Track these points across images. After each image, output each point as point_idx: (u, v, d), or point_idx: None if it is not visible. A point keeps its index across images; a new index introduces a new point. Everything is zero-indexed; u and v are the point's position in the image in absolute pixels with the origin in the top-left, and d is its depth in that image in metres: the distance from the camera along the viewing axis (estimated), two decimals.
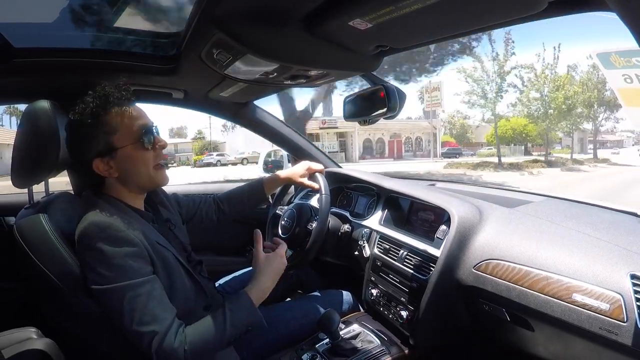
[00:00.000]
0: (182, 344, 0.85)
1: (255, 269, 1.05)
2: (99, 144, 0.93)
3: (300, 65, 1.14)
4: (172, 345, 0.83)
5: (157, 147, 0.99)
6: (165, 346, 0.83)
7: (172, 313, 0.88)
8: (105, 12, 1.13)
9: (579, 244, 0.97)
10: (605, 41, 19.75)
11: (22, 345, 1.11)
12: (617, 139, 51.17)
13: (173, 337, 0.84)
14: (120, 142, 0.94)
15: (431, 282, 1.15)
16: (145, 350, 0.84)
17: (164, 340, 0.83)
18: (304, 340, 1.27)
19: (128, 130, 0.95)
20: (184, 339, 0.85)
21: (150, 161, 0.98)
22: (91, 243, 0.86)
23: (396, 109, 1.13)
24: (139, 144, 0.96)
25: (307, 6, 0.87)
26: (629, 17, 0.50)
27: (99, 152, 0.93)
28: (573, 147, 29.85)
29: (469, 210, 1.20)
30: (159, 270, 0.93)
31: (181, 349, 0.84)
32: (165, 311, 0.87)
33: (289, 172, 1.48)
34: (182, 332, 0.87)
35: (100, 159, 0.94)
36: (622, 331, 0.78)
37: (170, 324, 0.86)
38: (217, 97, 1.64)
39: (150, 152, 0.98)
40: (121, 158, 0.95)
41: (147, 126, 0.98)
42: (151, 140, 0.97)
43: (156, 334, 0.83)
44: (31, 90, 1.34)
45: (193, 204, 1.36)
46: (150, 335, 0.83)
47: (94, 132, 0.93)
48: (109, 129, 0.93)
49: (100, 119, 0.92)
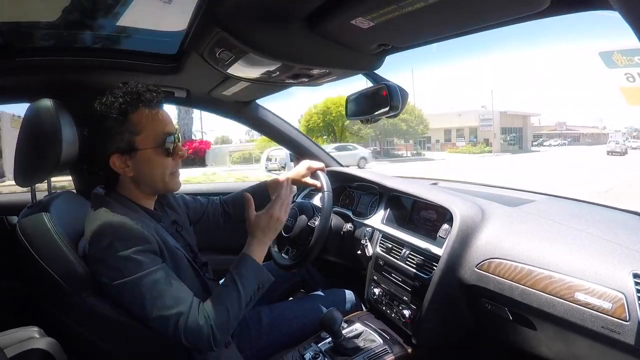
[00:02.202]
0: (207, 319, 0.86)
1: (249, 230, 1.04)
2: (122, 141, 0.93)
3: (303, 64, 1.14)
4: (198, 322, 0.84)
5: (177, 156, 1.00)
6: (191, 325, 0.84)
7: (190, 293, 0.89)
8: (107, 10, 1.13)
9: (581, 243, 0.97)
10: (605, 40, 19.72)
11: (25, 344, 1.11)
12: (597, 133, 51.78)
13: (196, 314, 0.85)
14: (142, 144, 0.94)
15: (434, 281, 1.15)
16: (173, 334, 0.84)
17: (188, 319, 0.84)
18: (307, 339, 1.27)
19: (153, 134, 0.95)
20: (207, 315, 0.86)
21: (168, 168, 0.98)
22: (105, 242, 0.86)
23: (398, 108, 1.12)
24: (161, 149, 0.96)
25: (309, 5, 0.87)
26: (631, 16, 0.49)
27: (119, 148, 0.93)
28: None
29: (472, 209, 1.19)
30: (169, 266, 0.93)
31: (207, 325, 0.85)
32: (185, 292, 0.88)
33: (291, 173, 1.48)
34: (204, 309, 0.88)
35: (118, 156, 0.93)
36: (625, 330, 0.78)
37: (191, 302, 0.87)
38: (220, 96, 1.64)
39: (169, 159, 0.98)
40: (140, 159, 0.95)
41: (172, 133, 0.98)
42: (173, 148, 0.98)
43: (181, 314, 0.84)
44: (33, 89, 1.34)
45: (200, 206, 1.37)
46: (176, 317, 0.84)
47: (119, 128, 0.92)
48: (134, 128, 0.93)
49: (127, 116, 0.92)
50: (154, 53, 1.36)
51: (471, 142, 36.30)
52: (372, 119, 1.23)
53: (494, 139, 34.36)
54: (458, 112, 38.16)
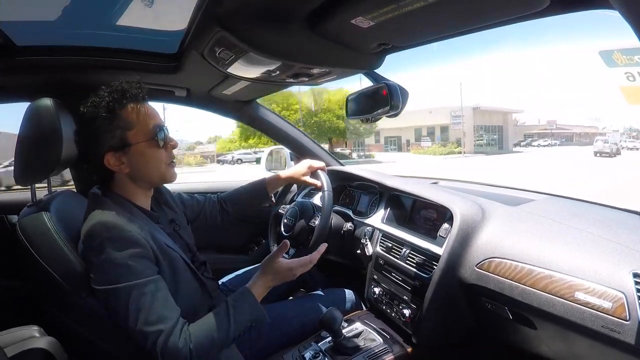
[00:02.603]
0: (187, 342, 0.85)
1: (264, 267, 1.05)
2: (113, 138, 0.94)
3: (303, 64, 1.14)
4: (177, 344, 0.83)
5: (169, 147, 1.01)
6: (170, 345, 0.83)
7: (177, 312, 0.88)
8: (107, 10, 1.13)
9: (581, 242, 0.97)
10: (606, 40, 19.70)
11: (25, 343, 1.11)
12: (593, 132, 50.96)
13: (178, 335, 0.84)
14: (135, 139, 0.95)
15: (434, 280, 1.15)
16: (150, 350, 0.84)
17: (169, 339, 0.83)
18: (307, 339, 1.27)
19: (143, 127, 0.96)
20: (188, 337, 0.86)
21: (162, 159, 1.00)
22: (97, 243, 0.85)
23: (399, 107, 1.12)
24: (153, 142, 0.97)
25: (309, 4, 0.87)
26: (631, 15, 0.49)
27: (112, 146, 0.94)
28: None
29: (472, 208, 1.19)
30: (164, 270, 0.93)
31: (186, 348, 0.84)
32: (170, 310, 0.87)
33: (291, 171, 1.48)
34: (187, 330, 0.87)
35: (112, 154, 0.94)
36: (625, 330, 0.78)
37: (175, 323, 0.86)
38: (220, 95, 1.64)
39: (162, 150, 0.99)
40: (134, 154, 0.95)
41: (161, 125, 0.99)
42: (164, 139, 0.99)
43: (162, 332, 0.83)
44: (34, 88, 1.34)
45: (197, 204, 1.36)
46: (156, 335, 0.83)
47: (109, 126, 0.93)
48: (124, 124, 0.94)
49: (116, 113, 0.93)
50: (154, 52, 1.36)
51: (439, 142, 34.10)
52: (372, 118, 1.23)
53: (463, 137, 32.48)
54: (429, 109, 35.17)
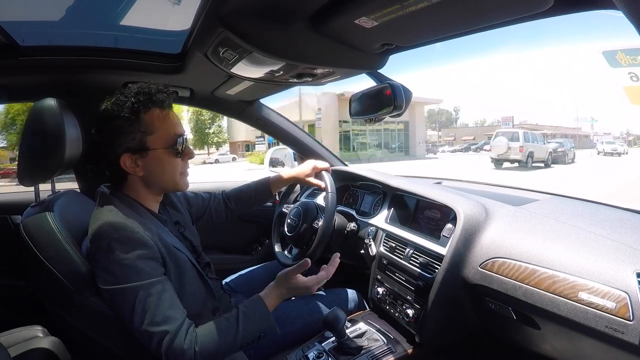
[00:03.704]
0: (193, 344, 0.85)
1: (280, 279, 1.03)
2: (133, 140, 0.93)
3: (306, 64, 1.14)
4: (182, 345, 0.83)
5: (186, 157, 1.01)
6: (175, 346, 0.83)
7: (183, 314, 0.88)
8: (111, 10, 1.13)
9: (585, 242, 0.97)
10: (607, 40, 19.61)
11: (29, 343, 1.11)
12: (574, 134, 49.13)
13: (183, 337, 0.84)
14: (154, 144, 0.94)
15: (437, 280, 1.15)
16: (155, 350, 0.84)
17: (174, 340, 0.83)
18: (310, 339, 1.27)
19: (164, 134, 0.95)
20: (194, 339, 0.85)
21: (178, 168, 0.99)
22: (105, 243, 0.85)
23: (402, 107, 1.12)
24: (171, 150, 0.96)
25: (313, 4, 0.87)
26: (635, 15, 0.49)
27: (130, 148, 0.93)
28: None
29: (475, 208, 1.19)
30: (171, 272, 0.92)
31: (191, 350, 0.84)
32: (176, 311, 0.87)
33: (295, 171, 1.48)
34: (193, 332, 0.87)
35: (129, 155, 0.93)
36: (629, 330, 0.78)
37: (181, 324, 0.86)
38: (223, 95, 1.64)
39: (179, 159, 0.99)
40: (151, 159, 0.95)
41: (182, 134, 0.99)
42: (183, 149, 0.98)
43: (167, 333, 0.83)
44: (37, 88, 1.34)
45: (202, 202, 1.36)
46: (161, 335, 0.83)
47: (131, 128, 0.92)
48: (145, 128, 0.93)
49: (139, 116, 0.92)
50: (158, 52, 1.36)
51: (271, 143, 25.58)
52: (376, 118, 1.23)
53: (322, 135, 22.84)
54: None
